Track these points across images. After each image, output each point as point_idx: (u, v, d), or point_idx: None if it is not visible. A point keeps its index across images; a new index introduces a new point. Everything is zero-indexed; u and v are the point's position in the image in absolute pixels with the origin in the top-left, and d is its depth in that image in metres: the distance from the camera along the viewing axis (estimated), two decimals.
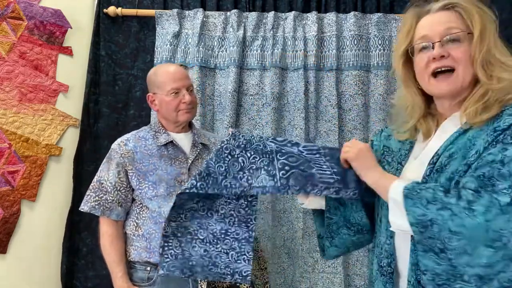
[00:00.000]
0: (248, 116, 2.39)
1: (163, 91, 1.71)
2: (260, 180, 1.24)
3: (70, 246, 2.29)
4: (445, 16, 1.10)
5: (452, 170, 1.02)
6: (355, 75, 2.36)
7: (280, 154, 1.25)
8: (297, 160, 1.24)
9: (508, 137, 0.97)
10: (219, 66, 2.41)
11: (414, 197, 0.99)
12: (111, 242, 1.69)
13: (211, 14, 2.42)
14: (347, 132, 2.37)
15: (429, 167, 1.08)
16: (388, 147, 1.28)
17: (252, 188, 1.25)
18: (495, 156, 0.96)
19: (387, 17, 2.40)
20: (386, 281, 1.14)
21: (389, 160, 1.25)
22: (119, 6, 2.41)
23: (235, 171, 1.26)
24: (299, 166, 1.23)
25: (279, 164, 1.23)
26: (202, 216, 1.34)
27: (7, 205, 2.14)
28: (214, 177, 1.24)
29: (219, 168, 1.25)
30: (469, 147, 1.02)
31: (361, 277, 2.31)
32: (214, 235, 1.33)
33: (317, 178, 1.22)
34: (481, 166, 0.97)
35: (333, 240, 1.34)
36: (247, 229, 1.33)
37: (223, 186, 1.25)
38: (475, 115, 1.04)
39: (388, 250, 1.14)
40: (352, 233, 1.31)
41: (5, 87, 2.17)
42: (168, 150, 1.73)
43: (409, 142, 1.22)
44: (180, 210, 1.33)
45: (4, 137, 2.15)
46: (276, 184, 1.21)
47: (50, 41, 2.29)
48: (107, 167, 1.71)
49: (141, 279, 1.69)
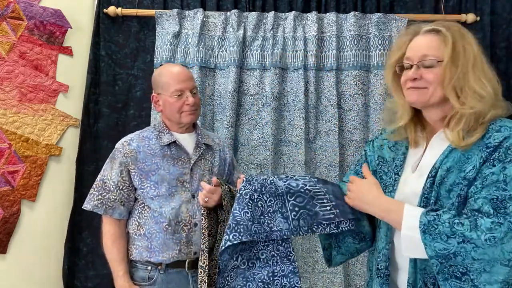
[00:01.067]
0: (248, 116, 2.39)
1: (167, 92, 1.71)
2: (277, 223, 1.27)
3: (71, 246, 2.29)
4: (427, 41, 1.18)
5: (450, 183, 1.10)
6: (355, 75, 2.36)
7: (290, 195, 1.29)
8: (303, 199, 1.28)
9: (502, 155, 1.05)
10: (219, 66, 2.41)
11: (432, 233, 1.04)
12: (113, 241, 1.69)
13: (211, 14, 2.42)
14: (347, 132, 2.37)
15: (429, 180, 1.14)
16: (382, 158, 1.33)
17: (273, 232, 1.27)
18: (498, 176, 1.04)
19: (387, 17, 2.40)
20: (382, 283, 1.22)
21: (385, 170, 1.31)
22: (119, 6, 2.41)
23: (257, 215, 1.26)
24: (306, 205, 1.28)
25: (290, 205, 1.28)
26: (245, 270, 1.31)
27: (7, 205, 2.14)
28: (243, 224, 1.23)
29: (246, 215, 1.24)
30: (464, 161, 1.10)
31: (361, 277, 2.31)
32: (264, 281, 1.31)
33: (321, 216, 1.27)
34: (487, 186, 1.04)
35: (340, 249, 1.40)
36: (290, 262, 1.32)
37: (253, 231, 1.25)
38: (458, 140, 1.12)
39: (386, 255, 1.22)
40: (357, 241, 1.37)
41: (5, 87, 2.17)
42: (171, 150, 1.73)
43: (402, 153, 1.29)
44: (225, 274, 1.31)
45: (4, 137, 2.15)
46: (290, 226, 1.26)
47: (50, 41, 2.29)
48: (110, 166, 1.71)
49: (142, 279, 1.69)
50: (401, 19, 2.39)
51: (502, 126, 1.09)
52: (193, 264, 1.69)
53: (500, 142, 1.06)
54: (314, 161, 2.38)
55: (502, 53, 2.42)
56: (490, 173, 1.04)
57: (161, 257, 1.66)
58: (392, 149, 1.32)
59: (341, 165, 2.34)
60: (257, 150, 2.37)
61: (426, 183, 1.14)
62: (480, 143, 1.09)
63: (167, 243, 1.66)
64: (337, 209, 1.29)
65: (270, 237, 1.26)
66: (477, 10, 2.42)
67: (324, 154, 2.36)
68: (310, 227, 1.26)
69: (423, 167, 1.19)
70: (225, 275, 1.30)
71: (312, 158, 2.38)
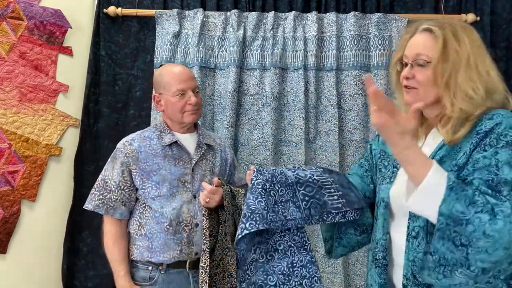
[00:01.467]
0: (248, 116, 2.39)
1: (169, 92, 1.71)
2: (291, 212, 1.27)
3: (71, 246, 2.29)
4: (422, 40, 1.19)
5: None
6: (355, 75, 2.36)
7: (299, 185, 1.29)
8: (312, 189, 1.29)
9: (494, 140, 1.04)
10: (219, 66, 2.41)
11: (459, 193, 0.99)
12: (114, 241, 1.70)
13: (211, 14, 2.42)
14: (347, 132, 2.38)
15: None
16: (385, 152, 1.35)
17: (287, 221, 1.26)
18: (489, 160, 1.03)
19: (387, 17, 2.40)
20: (380, 272, 1.23)
21: (385, 164, 1.33)
22: (119, 6, 2.41)
23: (271, 204, 1.26)
24: (315, 195, 1.28)
25: (300, 195, 1.28)
26: (264, 263, 1.30)
27: (7, 205, 2.14)
28: (259, 213, 1.23)
29: (260, 204, 1.24)
30: (457, 150, 1.11)
31: (361, 277, 2.31)
32: (284, 273, 1.30)
33: (329, 205, 1.28)
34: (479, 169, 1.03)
35: (342, 240, 1.41)
36: (307, 251, 1.32)
37: (269, 220, 1.24)
38: (448, 136, 1.12)
39: (383, 245, 1.23)
40: (358, 233, 1.38)
41: (5, 87, 2.16)
42: (173, 150, 1.73)
43: None
44: (244, 267, 1.29)
45: (4, 137, 2.15)
46: (303, 215, 1.26)
47: (50, 41, 2.29)
48: (111, 166, 1.71)
49: (142, 279, 1.69)
50: (401, 19, 2.40)
51: (494, 114, 1.08)
52: (194, 264, 1.69)
53: (491, 128, 1.05)
54: (314, 161, 2.38)
55: (502, 53, 2.43)
56: (482, 157, 1.04)
57: (162, 257, 1.66)
58: None
59: (341, 165, 2.35)
60: (257, 150, 2.37)
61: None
62: (472, 132, 1.09)
63: (168, 243, 1.66)
64: (344, 198, 1.30)
65: (285, 226, 1.26)
66: (477, 10, 2.42)
67: (324, 154, 2.36)
68: (321, 216, 1.27)
69: None
70: (245, 269, 1.29)
71: (312, 158, 2.38)
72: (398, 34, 2.37)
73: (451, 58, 1.12)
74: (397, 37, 2.37)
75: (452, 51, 1.13)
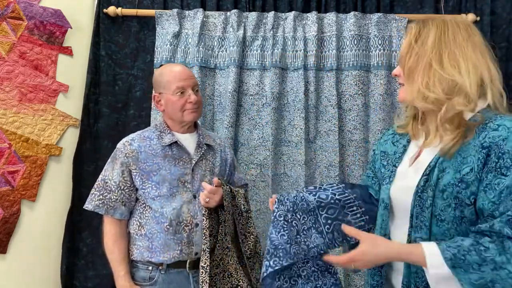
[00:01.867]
0: (248, 116, 2.39)
1: (169, 91, 1.71)
2: (313, 239, 1.27)
3: (70, 246, 2.29)
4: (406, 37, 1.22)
5: (444, 183, 1.09)
6: (355, 75, 2.36)
7: (321, 209, 1.29)
8: (335, 211, 1.29)
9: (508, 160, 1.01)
10: (219, 66, 2.41)
11: (463, 265, 1.00)
12: (114, 241, 1.69)
13: (211, 14, 2.42)
14: (347, 132, 2.38)
15: (424, 178, 1.13)
16: (385, 152, 1.35)
17: (310, 250, 1.26)
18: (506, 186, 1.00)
19: (387, 17, 2.40)
20: (374, 274, 1.23)
21: (384, 163, 1.32)
22: (119, 6, 2.41)
23: (293, 236, 1.25)
24: (338, 216, 1.28)
25: (322, 219, 1.28)
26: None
27: (7, 205, 2.14)
28: (282, 248, 1.23)
29: (282, 237, 1.24)
30: (461, 161, 1.08)
31: (361, 277, 2.31)
32: None
33: (353, 224, 1.28)
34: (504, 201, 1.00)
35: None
36: (331, 275, 1.31)
37: (292, 253, 1.24)
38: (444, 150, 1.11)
39: None
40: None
41: (5, 87, 2.16)
42: (173, 150, 1.73)
43: (402, 146, 1.29)
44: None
45: (4, 137, 2.15)
46: (325, 240, 1.26)
47: (50, 41, 2.29)
48: (111, 166, 1.71)
49: (142, 279, 1.69)
50: (401, 19, 2.39)
51: (500, 125, 1.05)
52: (194, 264, 1.69)
53: (497, 143, 1.02)
54: (314, 161, 2.38)
55: (502, 53, 2.43)
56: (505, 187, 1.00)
57: (162, 257, 1.66)
58: (395, 143, 1.32)
59: (341, 165, 2.34)
60: (257, 150, 2.37)
61: (420, 181, 1.14)
62: (476, 142, 1.06)
63: (168, 243, 1.66)
64: (367, 215, 1.30)
65: (308, 255, 1.26)
66: (477, 10, 2.42)
67: (324, 154, 2.36)
68: (345, 237, 1.26)
69: (420, 163, 1.19)
70: None
71: (312, 158, 2.38)
72: (398, 34, 2.38)
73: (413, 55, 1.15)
74: (397, 37, 2.38)
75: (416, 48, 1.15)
